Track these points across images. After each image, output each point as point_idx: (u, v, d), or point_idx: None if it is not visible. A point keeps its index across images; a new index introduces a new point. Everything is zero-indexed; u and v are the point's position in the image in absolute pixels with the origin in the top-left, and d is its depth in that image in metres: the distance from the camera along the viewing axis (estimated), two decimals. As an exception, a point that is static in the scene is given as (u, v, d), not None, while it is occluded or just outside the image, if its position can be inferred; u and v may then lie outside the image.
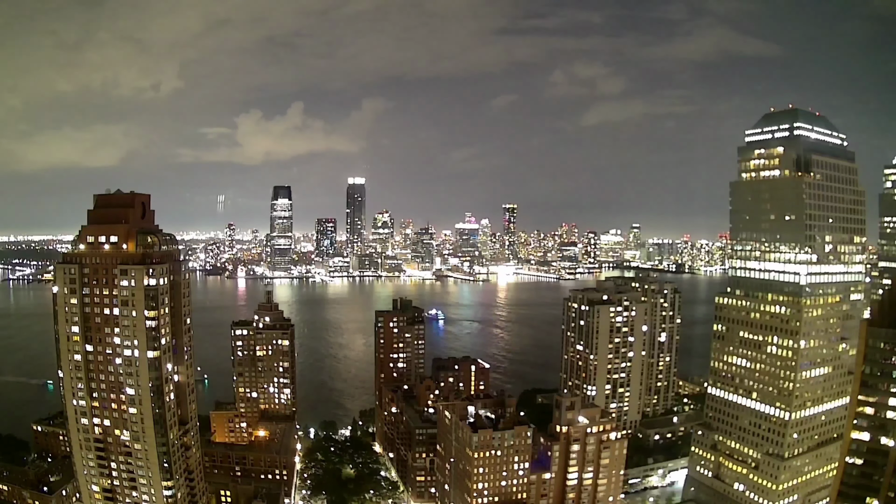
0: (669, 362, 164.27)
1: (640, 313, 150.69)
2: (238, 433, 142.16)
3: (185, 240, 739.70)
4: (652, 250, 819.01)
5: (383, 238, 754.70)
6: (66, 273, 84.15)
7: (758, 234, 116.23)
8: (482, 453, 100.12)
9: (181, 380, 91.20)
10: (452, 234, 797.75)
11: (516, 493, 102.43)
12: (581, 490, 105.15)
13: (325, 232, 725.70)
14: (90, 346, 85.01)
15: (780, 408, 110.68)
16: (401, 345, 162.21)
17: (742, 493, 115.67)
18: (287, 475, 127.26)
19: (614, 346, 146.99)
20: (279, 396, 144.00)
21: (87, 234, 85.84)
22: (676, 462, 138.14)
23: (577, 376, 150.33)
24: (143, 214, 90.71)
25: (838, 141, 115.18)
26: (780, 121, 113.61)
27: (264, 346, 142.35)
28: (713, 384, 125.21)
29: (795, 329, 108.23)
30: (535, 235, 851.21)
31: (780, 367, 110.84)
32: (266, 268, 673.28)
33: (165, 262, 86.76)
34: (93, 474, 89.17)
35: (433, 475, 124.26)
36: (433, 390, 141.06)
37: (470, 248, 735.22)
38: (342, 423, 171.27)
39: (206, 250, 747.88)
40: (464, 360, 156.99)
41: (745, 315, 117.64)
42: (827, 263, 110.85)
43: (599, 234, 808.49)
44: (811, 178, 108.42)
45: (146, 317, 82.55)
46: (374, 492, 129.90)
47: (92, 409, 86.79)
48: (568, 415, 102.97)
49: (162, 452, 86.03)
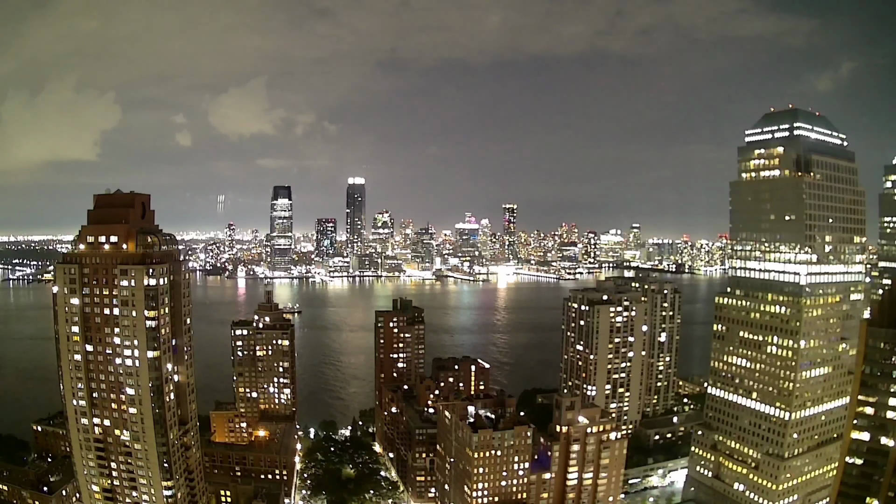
0: (669, 362, 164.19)
1: (640, 313, 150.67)
2: (238, 433, 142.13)
3: (185, 240, 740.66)
4: (652, 250, 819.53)
5: (383, 238, 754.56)
6: (66, 273, 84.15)
7: (758, 234, 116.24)
8: (482, 453, 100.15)
9: (181, 380, 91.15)
10: (452, 234, 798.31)
11: (516, 493, 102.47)
12: (581, 490, 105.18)
13: (325, 232, 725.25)
14: (90, 346, 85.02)
15: (780, 408, 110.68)
16: (401, 345, 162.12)
17: (742, 493, 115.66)
18: (287, 475, 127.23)
19: (614, 346, 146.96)
20: (279, 396, 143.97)
21: (87, 234, 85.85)
22: (676, 462, 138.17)
23: (577, 376, 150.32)
24: (143, 214, 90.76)
25: (838, 141, 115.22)
26: (780, 121, 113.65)
27: (264, 346, 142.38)
28: (713, 384, 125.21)
29: (795, 329, 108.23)
30: (535, 235, 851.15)
31: (780, 367, 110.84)
32: (266, 268, 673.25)
33: (165, 262, 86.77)
34: (93, 474, 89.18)
35: (433, 475, 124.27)
36: (433, 390, 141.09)
37: (470, 248, 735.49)
38: (342, 423, 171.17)
39: (206, 250, 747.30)
40: (464, 360, 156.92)
41: (745, 315, 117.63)
42: (827, 263, 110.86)
43: (599, 234, 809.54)
44: (811, 178, 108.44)
45: (146, 317, 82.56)
46: (374, 492, 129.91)
47: (92, 409, 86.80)
48: (568, 415, 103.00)
49: (162, 452, 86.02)
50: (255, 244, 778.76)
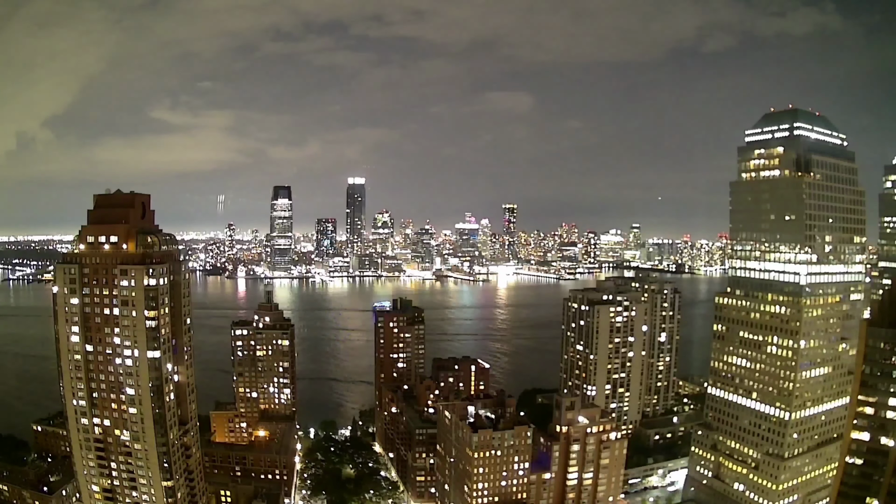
0: (669, 362, 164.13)
1: (640, 313, 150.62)
2: (238, 433, 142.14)
3: (185, 240, 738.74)
4: (652, 250, 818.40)
5: (383, 238, 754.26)
6: (66, 273, 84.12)
7: (758, 234, 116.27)
8: (482, 453, 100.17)
9: (181, 380, 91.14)
10: (452, 234, 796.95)
11: (516, 493, 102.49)
12: (581, 490, 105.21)
13: (325, 232, 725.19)
14: (90, 346, 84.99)
15: (779, 408, 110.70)
16: (401, 345, 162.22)
17: (742, 493, 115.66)
18: (287, 475, 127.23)
19: (614, 345, 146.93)
20: (279, 396, 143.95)
21: (87, 234, 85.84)
22: (676, 462, 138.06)
23: (577, 376, 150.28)
24: (143, 214, 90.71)
25: (838, 141, 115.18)
26: (780, 121, 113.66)
27: (264, 346, 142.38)
28: (713, 384, 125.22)
29: (795, 329, 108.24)
30: (535, 235, 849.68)
31: (779, 367, 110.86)
32: (266, 268, 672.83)
33: (165, 262, 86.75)
34: (93, 474, 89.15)
35: (433, 475, 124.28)
36: (433, 390, 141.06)
37: (470, 248, 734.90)
38: (342, 423, 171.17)
39: (206, 250, 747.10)
40: (464, 360, 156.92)
41: (745, 315, 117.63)
42: (827, 263, 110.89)
43: (599, 234, 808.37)
44: (811, 178, 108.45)
45: (146, 317, 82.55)
46: (374, 492, 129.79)
47: (92, 409, 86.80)
48: (568, 415, 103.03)
49: (162, 452, 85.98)
50: (255, 244, 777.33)
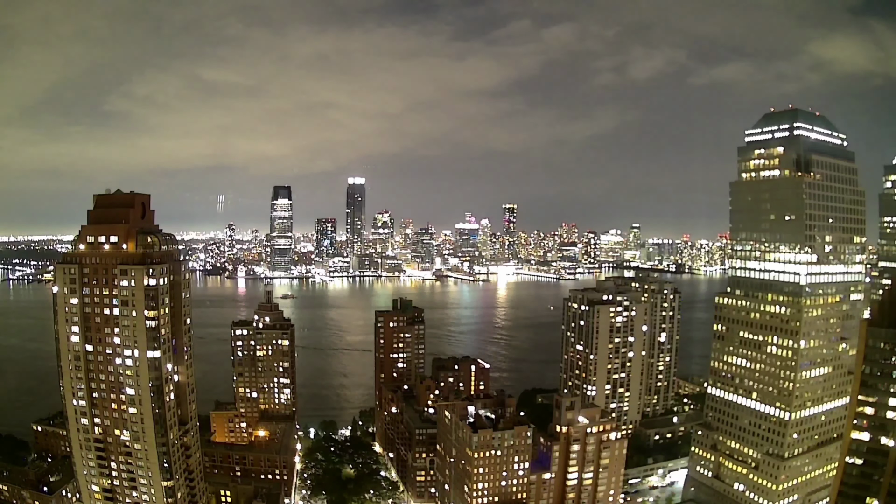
0: (669, 362, 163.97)
1: (640, 313, 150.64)
2: (238, 433, 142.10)
3: (185, 240, 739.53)
4: (652, 250, 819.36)
5: (383, 238, 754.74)
6: (66, 273, 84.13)
7: (758, 234, 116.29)
8: (482, 453, 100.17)
9: (181, 380, 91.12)
10: (452, 234, 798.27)
11: (516, 493, 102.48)
12: (581, 490, 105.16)
13: (325, 232, 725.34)
14: (90, 346, 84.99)
15: (780, 408, 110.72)
16: (401, 345, 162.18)
17: (742, 493, 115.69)
18: (287, 475, 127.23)
19: (614, 345, 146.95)
20: (279, 396, 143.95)
21: (87, 234, 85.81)
22: (676, 462, 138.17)
23: (577, 376, 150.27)
24: (143, 214, 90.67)
25: (838, 141, 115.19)
26: (780, 121, 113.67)
27: (264, 346, 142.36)
28: (713, 384, 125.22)
29: (795, 329, 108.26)
30: (535, 235, 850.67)
31: (779, 367, 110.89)
32: (266, 268, 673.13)
33: (165, 262, 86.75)
34: (93, 474, 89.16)
35: (433, 475, 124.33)
36: (433, 390, 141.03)
37: (470, 248, 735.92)
38: (342, 423, 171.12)
39: (206, 250, 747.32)
40: (464, 360, 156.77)
41: (745, 315, 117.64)
42: (827, 263, 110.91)
43: (599, 234, 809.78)
44: (811, 178, 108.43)
45: (146, 317, 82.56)
46: (374, 492, 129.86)
47: (92, 409, 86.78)
48: (568, 415, 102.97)
49: (162, 452, 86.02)
50: (255, 244, 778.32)
